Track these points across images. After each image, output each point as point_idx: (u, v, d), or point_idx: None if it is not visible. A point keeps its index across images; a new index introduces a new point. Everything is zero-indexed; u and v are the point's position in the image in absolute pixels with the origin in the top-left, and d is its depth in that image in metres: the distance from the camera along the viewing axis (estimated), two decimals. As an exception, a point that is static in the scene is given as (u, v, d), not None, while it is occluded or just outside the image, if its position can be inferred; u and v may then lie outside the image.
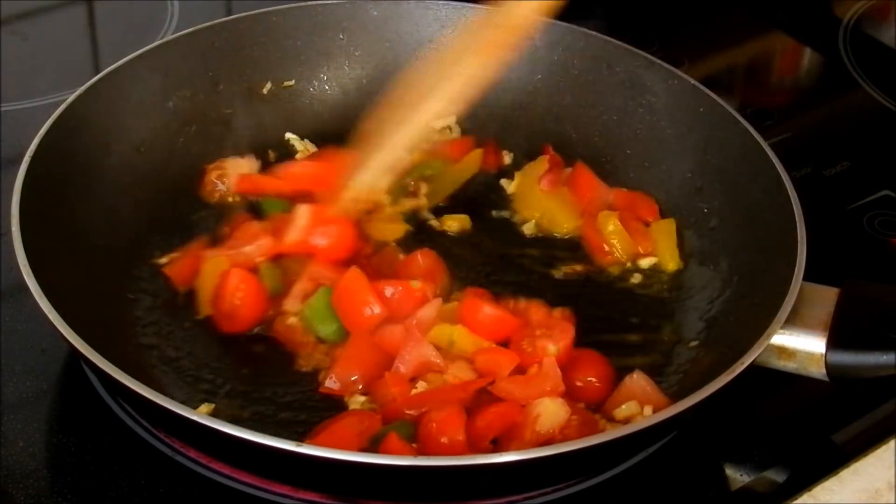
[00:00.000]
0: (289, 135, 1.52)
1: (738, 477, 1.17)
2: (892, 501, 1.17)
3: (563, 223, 1.41)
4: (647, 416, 1.04)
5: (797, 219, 1.23)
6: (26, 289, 1.10)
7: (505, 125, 1.56)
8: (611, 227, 1.37)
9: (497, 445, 1.13)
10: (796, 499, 1.16)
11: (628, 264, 1.38)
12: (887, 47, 1.93)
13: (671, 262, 1.37)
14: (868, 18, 1.98)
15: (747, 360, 1.09)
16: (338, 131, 1.50)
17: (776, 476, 1.18)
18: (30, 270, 1.11)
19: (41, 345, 1.26)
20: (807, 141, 1.67)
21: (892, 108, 1.75)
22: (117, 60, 1.40)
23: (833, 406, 1.24)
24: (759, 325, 1.12)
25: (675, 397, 1.13)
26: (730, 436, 1.22)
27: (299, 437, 1.11)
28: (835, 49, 1.89)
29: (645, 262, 1.38)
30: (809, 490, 1.17)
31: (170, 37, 1.49)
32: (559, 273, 1.37)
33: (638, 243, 1.37)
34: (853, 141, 1.68)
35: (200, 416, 1.01)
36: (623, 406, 1.17)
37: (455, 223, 1.41)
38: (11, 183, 1.20)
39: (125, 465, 1.15)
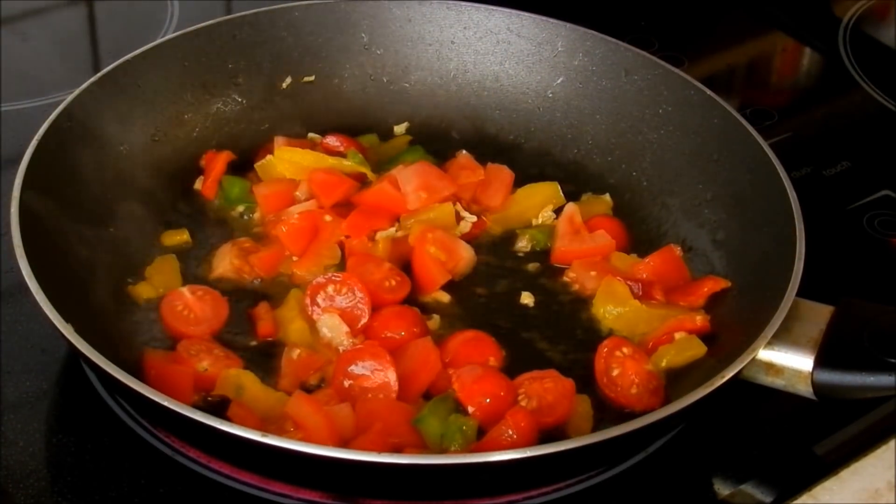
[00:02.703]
0: (311, 135, 1.52)
1: (722, 489, 1.18)
2: (892, 501, 1.17)
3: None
4: (627, 423, 1.04)
5: (798, 236, 1.22)
6: (26, 289, 1.10)
7: (522, 130, 1.56)
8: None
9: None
10: (795, 499, 1.16)
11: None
12: (887, 47, 1.93)
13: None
14: (868, 18, 1.98)
15: (728, 374, 1.08)
16: (356, 128, 1.51)
17: (760, 486, 1.18)
18: (30, 270, 1.11)
19: (41, 345, 1.26)
20: (807, 141, 1.67)
21: (892, 108, 1.75)
22: (117, 60, 1.41)
23: (817, 417, 1.24)
24: (750, 340, 1.12)
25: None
26: (718, 446, 1.22)
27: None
28: (835, 49, 1.89)
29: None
30: (809, 491, 1.17)
31: (190, 28, 1.49)
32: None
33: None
34: (853, 141, 1.68)
35: (200, 414, 1.01)
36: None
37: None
38: (11, 183, 1.20)
39: (125, 465, 1.15)
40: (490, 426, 1.15)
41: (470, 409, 1.17)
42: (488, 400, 1.17)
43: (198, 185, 1.44)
